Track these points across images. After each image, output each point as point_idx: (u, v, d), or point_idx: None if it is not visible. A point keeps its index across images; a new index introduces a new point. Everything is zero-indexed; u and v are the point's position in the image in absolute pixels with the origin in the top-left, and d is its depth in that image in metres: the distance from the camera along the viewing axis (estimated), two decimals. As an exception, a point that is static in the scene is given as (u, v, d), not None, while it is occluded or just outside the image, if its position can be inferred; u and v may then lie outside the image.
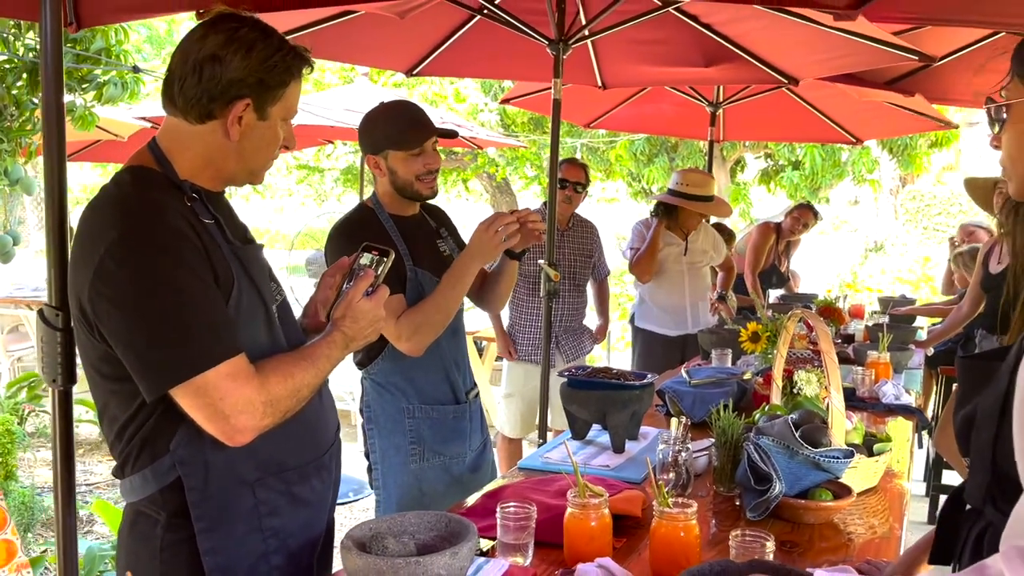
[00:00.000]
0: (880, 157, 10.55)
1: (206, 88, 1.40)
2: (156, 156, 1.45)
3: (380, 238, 2.21)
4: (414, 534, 1.46)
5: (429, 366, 2.35)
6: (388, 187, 2.34)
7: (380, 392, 2.38)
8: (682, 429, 1.99)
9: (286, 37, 1.50)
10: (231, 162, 1.48)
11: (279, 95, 1.46)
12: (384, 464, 2.39)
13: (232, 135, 1.43)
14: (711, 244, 4.54)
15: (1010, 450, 0.93)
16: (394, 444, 2.36)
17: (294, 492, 1.52)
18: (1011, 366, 0.98)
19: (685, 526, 1.50)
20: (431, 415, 2.37)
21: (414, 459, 2.37)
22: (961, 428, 1.09)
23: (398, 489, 2.37)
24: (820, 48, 3.64)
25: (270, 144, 1.51)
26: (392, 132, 2.28)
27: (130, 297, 1.31)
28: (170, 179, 1.43)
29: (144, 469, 1.42)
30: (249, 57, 1.40)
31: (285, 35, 3.42)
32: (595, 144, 11.22)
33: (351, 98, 7.16)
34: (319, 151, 14.81)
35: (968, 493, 1.09)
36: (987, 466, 1.01)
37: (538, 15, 3.42)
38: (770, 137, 8.53)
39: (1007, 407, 0.95)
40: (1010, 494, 0.97)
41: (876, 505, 1.97)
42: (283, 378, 1.41)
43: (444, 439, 2.40)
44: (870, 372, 2.96)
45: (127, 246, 1.31)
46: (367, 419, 2.41)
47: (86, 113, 4.59)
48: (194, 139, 1.45)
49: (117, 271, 1.31)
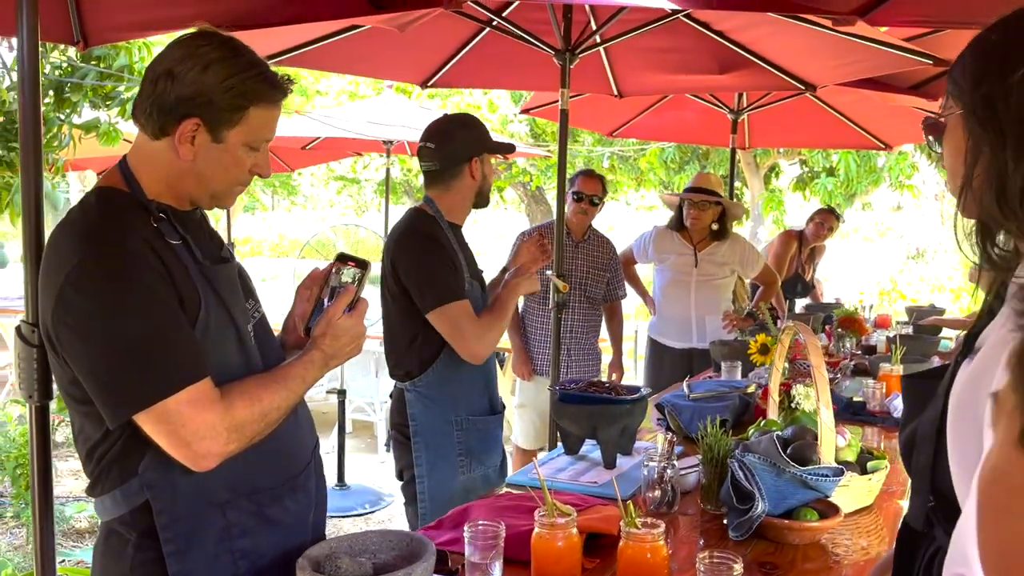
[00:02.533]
0: (919, 162, 10.33)
1: (157, 102, 1.39)
2: (124, 175, 1.44)
3: (446, 246, 2.38)
4: (375, 553, 1.45)
5: (474, 378, 2.44)
6: (469, 191, 2.46)
7: (426, 404, 2.42)
8: (668, 445, 1.95)
9: (294, 52, 1.46)
10: (189, 183, 1.45)
11: (236, 119, 1.41)
12: (431, 477, 2.42)
13: (183, 154, 1.41)
14: (737, 258, 4.36)
15: (948, 472, 0.89)
16: (442, 456, 2.41)
17: (266, 513, 1.50)
18: (946, 385, 0.94)
19: (652, 547, 1.46)
20: (477, 426, 2.45)
21: (463, 470, 2.42)
22: (904, 449, 1.05)
23: (449, 501, 2.36)
24: (834, 54, 3.57)
25: (229, 169, 1.46)
26: (487, 137, 2.48)
27: (89, 325, 1.31)
28: (137, 199, 1.42)
29: (114, 490, 1.41)
30: (203, 75, 1.37)
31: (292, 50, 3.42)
32: (626, 152, 11.17)
33: (377, 111, 7.20)
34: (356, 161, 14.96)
35: (909, 515, 1.05)
36: (926, 488, 0.97)
37: (546, 25, 3.42)
38: (796, 144, 8.41)
39: (943, 427, 0.92)
40: (952, 516, 0.93)
41: (869, 525, 1.90)
42: (250, 402, 1.39)
43: (487, 449, 2.47)
44: (881, 385, 2.88)
45: (86, 274, 1.31)
46: (413, 432, 2.43)
47: (110, 129, 4.70)
48: (154, 156, 1.43)
49: (77, 299, 1.30)
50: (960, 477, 0.91)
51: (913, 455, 1.00)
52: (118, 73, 4.45)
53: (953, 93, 0.97)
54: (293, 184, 19.44)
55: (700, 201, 4.21)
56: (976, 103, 0.93)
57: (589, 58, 3.67)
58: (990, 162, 0.93)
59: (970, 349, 0.96)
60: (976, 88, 0.94)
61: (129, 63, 4.45)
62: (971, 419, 0.89)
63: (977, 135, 0.93)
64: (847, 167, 9.61)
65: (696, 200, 4.21)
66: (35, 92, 1.79)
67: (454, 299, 2.34)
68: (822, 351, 2.03)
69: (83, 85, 4.44)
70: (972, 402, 0.89)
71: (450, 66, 4.09)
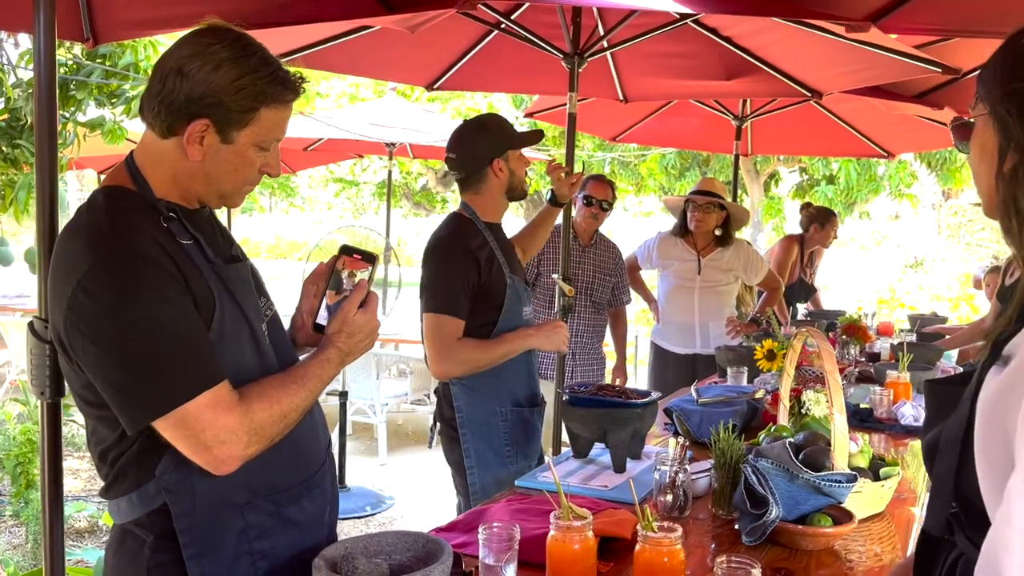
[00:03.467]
0: (919, 171, 10.36)
1: (166, 101, 1.36)
2: (132, 173, 1.42)
3: (484, 246, 2.42)
4: (390, 554, 1.44)
5: (519, 368, 2.47)
6: (498, 191, 2.49)
7: (471, 395, 2.44)
8: (680, 450, 1.94)
9: (302, 52, 1.44)
10: (197, 183, 1.43)
11: (246, 120, 1.38)
12: (481, 467, 2.45)
13: (191, 155, 1.38)
14: (741, 264, 4.36)
15: (973, 478, 0.89)
16: (491, 446, 2.44)
17: (284, 513, 1.49)
18: (972, 392, 0.94)
19: (669, 551, 1.45)
20: (522, 416, 2.48)
21: (511, 460, 2.45)
22: (926, 454, 1.04)
23: (499, 492, 2.36)
24: (842, 61, 3.57)
25: (239, 170, 1.43)
26: (511, 132, 2.49)
27: (103, 331, 1.28)
28: (145, 198, 1.39)
29: (130, 493, 1.39)
30: (214, 76, 1.34)
31: (300, 50, 3.41)
32: (626, 158, 11.18)
33: (379, 113, 7.20)
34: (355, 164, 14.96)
35: (928, 522, 1.05)
36: (948, 494, 0.97)
37: (555, 28, 3.41)
38: (799, 151, 8.42)
39: (969, 434, 0.91)
40: (976, 522, 0.92)
41: (882, 532, 1.90)
42: (269, 404, 1.37)
43: (529, 439, 2.50)
44: (888, 392, 2.88)
45: (98, 279, 1.28)
46: (460, 424, 2.46)
47: (115, 127, 4.68)
48: (162, 155, 1.41)
49: (89, 305, 1.28)
50: (989, 486, 0.91)
51: (936, 460, 1.00)
52: (123, 71, 4.44)
53: (981, 95, 1.00)
54: (292, 186, 19.42)
55: (705, 204, 4.21)
56: (1002, 100, 0.96)
57: (595, 63, 3.67)
58: (1018, 162, 0.94)
59: (997, 355, 0.95)
60: (1003, 86, 0.97)
61: (135, 61, 4.43)
62: (1000, 429, 0.89)
63: (1007, 132, 0.95)
64: (847, 175, 9.64)
65: (701, 203, 4.21)
66: (51, 89, 1.78)
67: (448, 313, 2.36)
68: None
69: (88, 83, 4.43)
70: (1002, 412, 0.88)
71: (456, 69, 4.09)
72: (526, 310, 2.54)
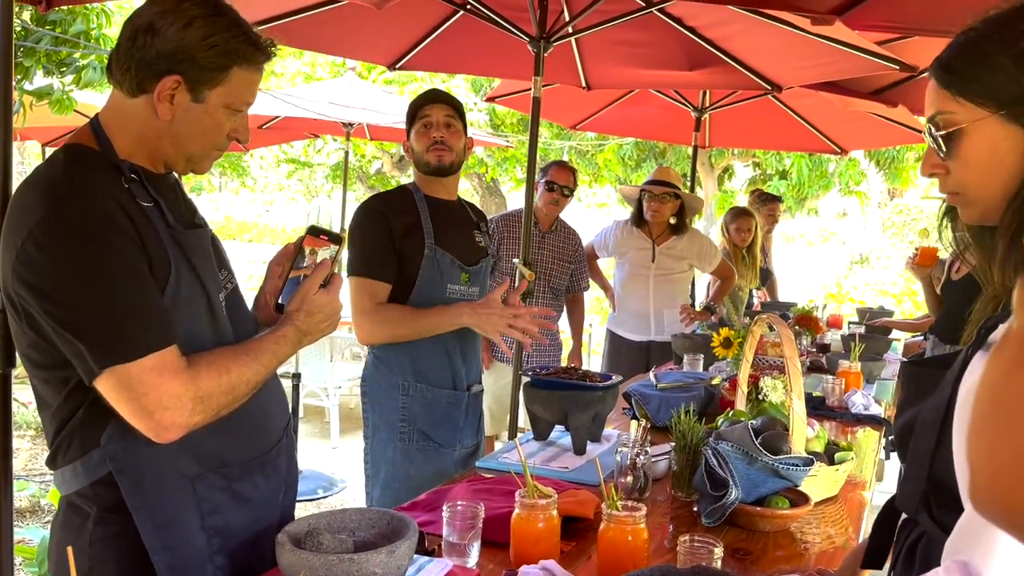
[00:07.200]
0: (867, 169, 10.58)
1: (136, 57, 1.33)
2: (96, 133, 1.38)
3: (408, 213, 2.39)
4: (354, 531, 1.43)
5: (431, 348, 2.40)
6: (416, 169, 2.49)
7: (378, 366, 2.44)
8: (641, 432, 1.96)
9: (266, 24, 1.42)
10: (165, 144, 1.40)
11: (218, 79, 1.37)
12: (374, 439, 2.44)
13: (161, 113, 1.36)
14: (695, 252, 4.42)
15: (949, 461, 0.91)
16: (386, 419, 2.41)
17: (236, 489, 1.46)
18: (955, 375, 0.95)
19: (633, 530, 1.47)
20: (425, 395, 2.41)
21: (402, 437, 2.39)
22: (900, 435, 1.06)
23: (386, 467, 2.41)
24: (803, 55, 3.62)
25: (208, 131, 1.41)
26: (407, 114, 2.49)
27: (50, 284, 1.25)
28: (108, 159, 1.36)
29: (74, 462, 1.36)
30: (185, 32, 1.32)
31: (265, 22, 3.35)
32: (584, 147, 11.21)
33: (338, 92, 7.10)
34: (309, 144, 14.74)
35: (899, 501, 1.07)
36: (923, 475, 0.99)
37: (521, 11, 3.40)
38: (755, 145, 8.54)
39: (948, 417, 0.93)
40: (947, 504, 0.94)
41: (835, 514, 1.94)
42: (217, 373, 1.34)
43: (434, 423, 2.42)
44: (840, 381, 2.94)
45: (50, 231, 1.24)
46: (363, 392, 2.48)
47: (64, 97, 4.55)
48: (129, 114, 1.38)
49: (39, 256, 1.24)
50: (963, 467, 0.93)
51: (911, 441, 1.02)
52: (74, 39, 4.31)
53: (978, 96, 0.94)
54: (243, 165, 19.04)
55: (660, 194, 4.24)
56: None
57: (559, 49, 3.66)
58: None
59: (983, 342, 0.96)
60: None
61: (86, 29, 4.31)
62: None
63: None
64: (799, 171, 9.80)
65: (656, 192, 4.24)
66: (7, 55, 1.71)
67: (366, 275, 2.34)
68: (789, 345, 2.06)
69: (37, 50, 4.29)
70: None
71: (419, 49, 4.05)
72: (456, 287, 2.44)
